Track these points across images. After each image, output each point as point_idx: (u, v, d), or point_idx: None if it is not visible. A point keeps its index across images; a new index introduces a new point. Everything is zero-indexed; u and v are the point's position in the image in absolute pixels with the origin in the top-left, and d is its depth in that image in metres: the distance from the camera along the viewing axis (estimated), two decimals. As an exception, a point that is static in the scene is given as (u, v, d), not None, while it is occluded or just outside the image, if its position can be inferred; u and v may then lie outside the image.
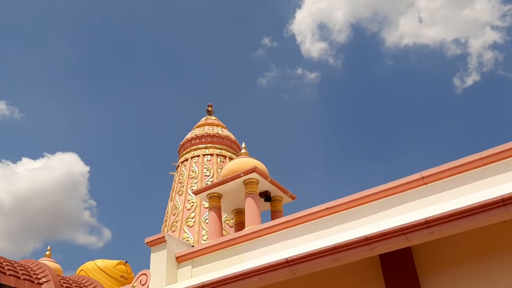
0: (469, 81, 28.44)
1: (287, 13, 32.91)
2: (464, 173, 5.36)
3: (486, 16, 28.41)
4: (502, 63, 28.57)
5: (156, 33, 33.01)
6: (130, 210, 32.53)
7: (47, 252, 10.92)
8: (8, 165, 31.26)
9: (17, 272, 4.83)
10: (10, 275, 4.61)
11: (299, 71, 31.76)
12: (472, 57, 28.82)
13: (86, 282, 5.32)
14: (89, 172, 31.50)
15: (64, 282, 5.06)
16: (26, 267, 5.07)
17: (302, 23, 31.35)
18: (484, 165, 5.27)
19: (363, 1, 30.23)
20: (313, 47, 31.00)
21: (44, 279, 4.91)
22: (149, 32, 32.95)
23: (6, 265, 4.82)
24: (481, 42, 28.26)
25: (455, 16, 29.37)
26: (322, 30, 30.99)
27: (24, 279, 4.77)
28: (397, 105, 29.63)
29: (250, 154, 8.97)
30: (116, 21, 32.29)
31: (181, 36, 32.94)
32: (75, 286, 5.04)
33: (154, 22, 32.68)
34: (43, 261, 10.27)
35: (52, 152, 33.66)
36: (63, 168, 30.59)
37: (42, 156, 32.95)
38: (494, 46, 28.18)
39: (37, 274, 5.03)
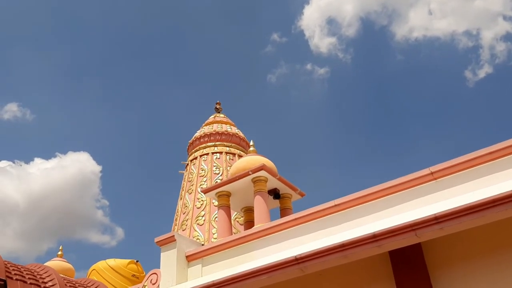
0: (481, 73, 28.09)
1: (296, 8, 32.80)
2: (474, 167, 5.29)
3: (498, 7, 27.98)
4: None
5: (165, 32, 33.14)
6: (143, 208, 32.78)
7: (59, 252, 11.02)
8: (21, 165, 31.64)
9: (24, 277, 4.87)
10: (17, 279, 4.66)
11: (309, 66, 31.67)
12: (484, 49, 28.43)
13: (92, 285, 5.35)
14: (101, 171, 31.76)
15: (70, 286, 5.10)
16: (32, 271, 5.12)
17: (310, 18, 31.26)
18: (494, 159, 5.20)
19: (372, -7, 30.00)
20: (322, 42, 30.88)
21: (50, 283, 4.95)
22: (158, 30, 33.09)
23: (13, 269, 4.86)
24: (493, 33, 27.87)
25: (466, 7, 29.03)
26: (331, 24, 30.86)
27: (31, 283, 4.81)
28: (408, 100, 29.41)
29: (260, 151, 8.97)
30: (125, 21, 32.44)
31: (190, 33, 33.02)
32: (81, 289, 5.09)
33: (163, 21, 32.78)
34: (55, 261, 10.40)
35: (64, 152, 33.99)
36: (76, 167, 30.90)
37: (54, 156, 33.28)
38: (506, 37, 27.80)
39: (44, 278, 5.08)
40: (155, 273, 7.00)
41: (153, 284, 6.88)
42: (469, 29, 28.20)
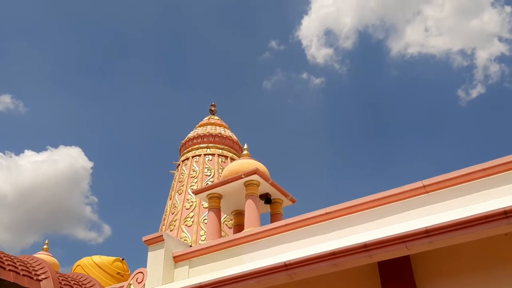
0: (474, 93, 28.28)
1: (295, 17, 32.94)
2: (467, 183, 5.32)
3: (495, 27, 28.24)
4: (509, 75, 28.39)
5: (164, 33, 33.07)
6: (132, 207, 32.54)
7: (45, 246, 10.90)
8: (11, 157, 31.31)
9: (17, 268, 4.78)
10: (9, 270, 4.57)
11: (305, 76, 31.73)
12: (479, 69, 28.62)
13: (85, 280, 5.28)
14: (92, 168, 31.50)
15: (62, 279, 5.03)
16: (25, 262, 5.03)
17: (308, 28, 31.35)
18: (487, 176, 5.23)
19: (370, 7, 30.20)
20: (319, 53, 30.97)
21: (43, 276, 4.86)
22: (157, 31, 33.02)
23: (6, 260, 4.77)
24: (488, 53, 28.07)
25: (462, 26, 29.25)
26: (329, 36, 30.95)
27: (24, 275, 4.72)
28: (401, 114, 29.57)
29: (252, 155, 8.94)
30: (123, 20, 32.34)
31: (189, 36, 32.97)
32: (74, 284, 5.00)
33: (162, 22, 32.74)
34: (40, 255, 10.27)
35: (55, 146, 33.72)
36: (67, 162, 30.60)
37: (45, 150, 32.99)
38: (501, 58, 28.02)
39: (36, 271, 4.99)
40: (141, 272, 6.93)
41: (139, 283, 6.81)
42: (464, 48, 28.43)
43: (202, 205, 10.89)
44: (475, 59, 28.78)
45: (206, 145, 12.44)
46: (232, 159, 12.04)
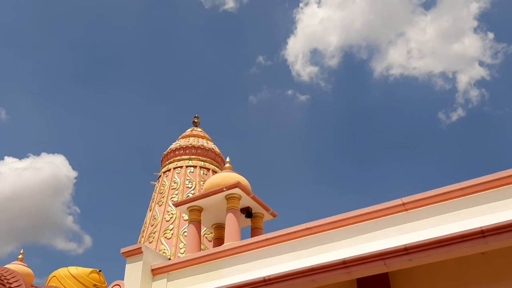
0: (454, 116, 28.77)
1: (281, 35, 33.24)
2: (445, 201, 5.39)
3: (475, 52, 28.85)
4: (490, 100, 28.94)
5: (151, 43, 32.98)
6: (115, 218, 32.01)
7: (20, 256, 10.65)
8: (-9, 163, 30.60)
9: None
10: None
11: (290, 92, 31.93)
12: (460, 93, 29.12)
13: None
14: (76, 178, 30.98)
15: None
16: (-1, 275, 4.90)
17: (295, 46, 31.64)
18: (465, 195, 5.31)
19: (355, 27, 30.65)
20: (304, 70, 31.25)
21: (18, 291, 4.73)
22: (144, 42, 32.86)
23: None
24: (468, 77, 28.60)
25: (444, 49, 29.83)
26: (315, 54, 31.29)
27: (-4, 287, 4.59)
28: (383, 134, 29.92)
29: (235, 169, 8.92)
30: (110, 30, 32.16)
31: (177, 47, 32.90)
32: (49, 297, 4.89)
33: (149, 33, 32.66)
34: (14, 265, 10.04)
35: (37, 153, 33.14)
36: (50, 170, 30.01)
37: (27, 157, 32.37)
38: (481, 83, 28.58)
39: (11, 283, 4.85)
40: (118, 285, 6.83)
41: (116, 295, 6.71)
42: (445, 71, 28.93)
43: (182, 217, 10.80)
44: (456, 83, 29.33)
45: (188, 156, 12.37)
46: (214, 172, 12.00)
